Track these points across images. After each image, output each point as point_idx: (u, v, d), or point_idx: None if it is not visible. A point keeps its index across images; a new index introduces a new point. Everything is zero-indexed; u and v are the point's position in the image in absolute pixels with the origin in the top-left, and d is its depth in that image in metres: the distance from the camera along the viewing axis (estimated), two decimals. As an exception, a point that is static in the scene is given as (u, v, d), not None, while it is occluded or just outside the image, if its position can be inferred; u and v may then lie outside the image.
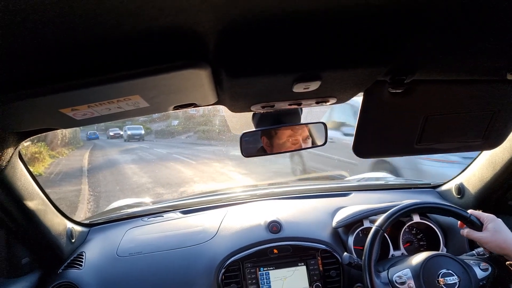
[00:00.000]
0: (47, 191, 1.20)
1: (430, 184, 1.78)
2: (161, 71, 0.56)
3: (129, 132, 25.87)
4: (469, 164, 1.52)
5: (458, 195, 1.56)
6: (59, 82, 0.56)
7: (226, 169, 9.57)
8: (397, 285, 1.08)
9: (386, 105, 0.86)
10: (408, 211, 1.19)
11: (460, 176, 1.58)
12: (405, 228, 1.42)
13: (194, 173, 9.25)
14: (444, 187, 1.68)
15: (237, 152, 1.14)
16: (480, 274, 1.08)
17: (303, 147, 1.14)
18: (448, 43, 0.62)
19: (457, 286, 1.04)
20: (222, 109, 0.91)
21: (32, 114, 0.68)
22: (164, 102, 0.73)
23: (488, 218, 1.11)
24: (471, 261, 1.12)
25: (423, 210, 1.26)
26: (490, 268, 1.09)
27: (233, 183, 7.73)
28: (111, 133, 30.26)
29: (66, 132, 18.56)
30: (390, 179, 2.47)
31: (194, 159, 12.05)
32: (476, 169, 1.46)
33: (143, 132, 27.17)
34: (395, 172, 4.23)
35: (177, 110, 0.82)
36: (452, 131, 0.94)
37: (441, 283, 1.04)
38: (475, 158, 1.48)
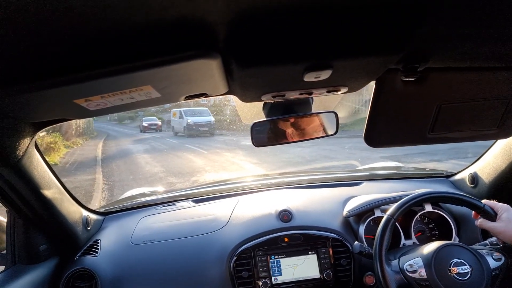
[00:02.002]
0: (62, 180, 1.22)
1: (443, 173, 1.75)
2: (172, 61, 0.56)
3: (189, 120, 15.95)
4: (483, 153, 1.49)
5: (471, 184, 1.54)
6: (73, 73, 0.56)
7: (237, 159, 9.60)
8: (408, 273, 1.08)
9: (398, 94, 0.85)
10: (420, 201, 1.18)
11: (474, 165, 1.55)
12: (417, 217, 1.41)
13: (205, 162, 9.31)
14: (457, 176, 1.65)
15: (248, 141, 1.15)
16: (493, 264, 1.06)
17: (320, 135, 1.14)
18: (462, 30, 0.61)
19: (469, 275, 1.03)
20: (233, 99, 0.91)
21: (47, 104, 0.70)
22: (175, 92, 0.74)
23: (502, 208, 1.10)
24: (484, 251, 1.10)
25: (436, 199, 1.25)
26: (503, 258, 1.08)
27: (244, 173, 7.76)
28: (145, 124, 22.29)
29: (80, 123, 18.83)
30: (402, 168, 2.45)
31: (206, 148, 12.12)
32: (491, 158, 1.43)
33: (212, 119, 16.87)
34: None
35: (189, 100, 0.82)
36: (466, 120, 0.92)
37: (453, 272, 1.03)
38: (490, 147, 1.45)
